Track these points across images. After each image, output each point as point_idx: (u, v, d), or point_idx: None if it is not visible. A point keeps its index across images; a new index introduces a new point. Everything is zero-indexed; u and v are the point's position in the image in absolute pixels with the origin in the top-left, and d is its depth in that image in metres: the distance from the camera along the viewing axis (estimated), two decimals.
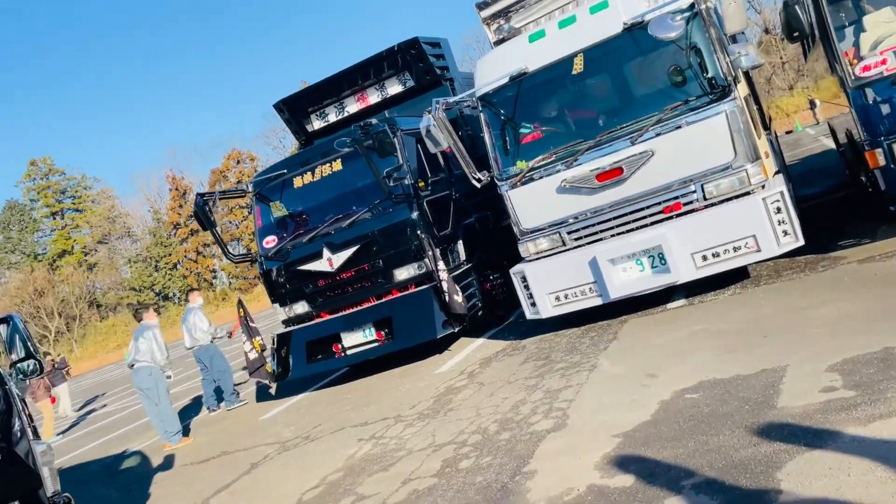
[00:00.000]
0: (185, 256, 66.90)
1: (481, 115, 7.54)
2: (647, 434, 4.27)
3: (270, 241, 9.80)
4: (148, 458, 9.26)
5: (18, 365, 4.13)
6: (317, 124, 11.50)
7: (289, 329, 9.80)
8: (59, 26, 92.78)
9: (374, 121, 8.69)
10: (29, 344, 4.05)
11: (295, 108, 11.27)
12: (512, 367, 7.13)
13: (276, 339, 9.84)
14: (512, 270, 7.74)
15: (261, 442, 7.85)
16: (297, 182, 9.64)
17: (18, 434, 4.13)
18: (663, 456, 3.89)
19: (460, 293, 8.57)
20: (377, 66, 10.74)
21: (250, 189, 10.11)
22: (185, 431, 9.81)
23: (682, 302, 7.25)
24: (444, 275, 8.46)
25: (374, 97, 11.07)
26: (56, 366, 19.01)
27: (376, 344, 9.14)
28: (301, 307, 9.70)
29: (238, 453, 7.72)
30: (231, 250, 10.03)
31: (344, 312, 9.42)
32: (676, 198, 6.73)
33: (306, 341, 9.50)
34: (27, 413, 4.21)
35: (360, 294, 9.30)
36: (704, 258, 6.56)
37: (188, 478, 7.41)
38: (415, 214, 8.78)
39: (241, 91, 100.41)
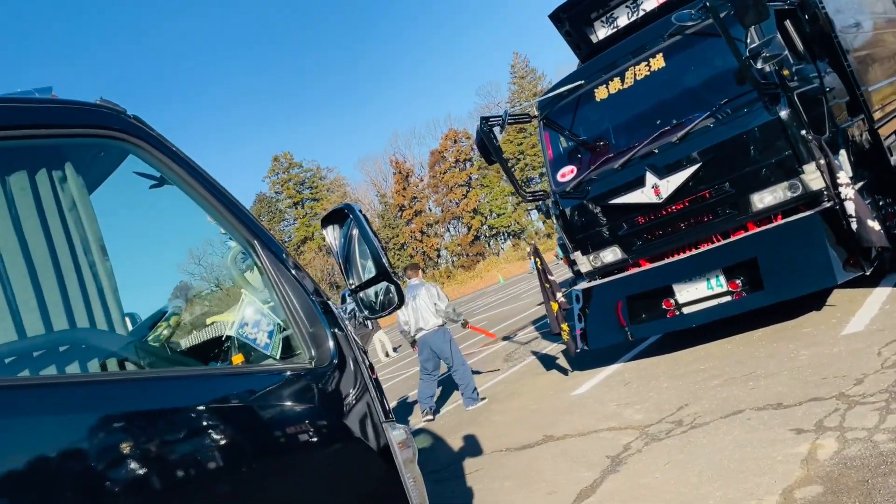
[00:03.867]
0: (411, 237, 69.10)
1: None
2: None
3: (567, 174, 7.79)
4: (442, 440, 7.78)
5: (361, 294, 2.43)
6: (601, 33, 9.24)
7: (598, 282, 7.74)
8: (287, 29, 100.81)
9: None
10: (381, 255, 2.32)
11: (577, 16, 9.10)
12: None
13: (581, 296, 7.84)
14: None
15: (599, 426, 5.86)
16: (600, 93, 7.50)
17: (365, 414, 2.44)
18: None
19: (874, 217, 5.85)
20: None
21: (536, 111, 8.17)
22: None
23: None
24: (849, 191, 5.80)
25: None
26: None
27: (728, 298, 6.73)
28: (611, 254, 7.58)
29: (573, 440, 5.81)
30: (523, 187, 8.12)
31: (675, 258, 7.13)
32: None
33: (626, 297, 7.37)
34: (373, 378, 2.51)
35: (698, 232, 6.93)
36: None
37: (516, 471, 5.65)
38: (785, 112, 6.20)
39: (453, 72, 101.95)
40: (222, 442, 2.02)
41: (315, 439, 2.30)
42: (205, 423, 2.02)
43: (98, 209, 2.25)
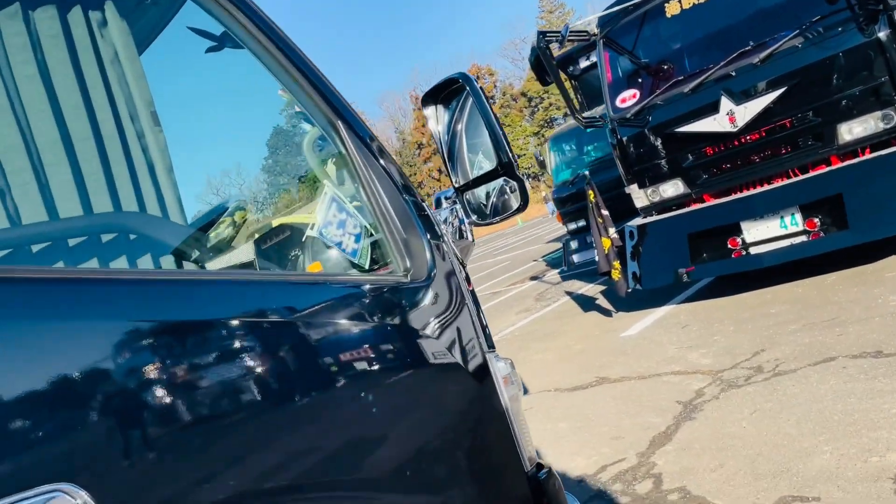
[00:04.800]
0: (429, 176, 68.26)
1: None
2: None
3: (629, 98, 7.15)
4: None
5: (469, 195, 1.94)
6: None
7: (656, 218, 7.20)
8: None
9: None
10: (504, 142, 1.80)
11: None
12: None
13: (636, 233, 7.32)
14: None
15: (662, 370, 5.44)
16: (671, 8, 6.79)
17: (467, 342, 1.99)
18: None
19: None
20: None
21: (596, 29, 7.46)
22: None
23: None
24: None
25: None
26: None
27: (804, 238, 6.19)
28: (672, 188, 7.00)
29: (632, 382, 5.40)
30: (581, 111, 7.51)
31: (746, 193, 6.56)
32: None
33: (687, 234, 6.84)
34: (475, 302, 2.05)
35: (774, 165, 6.33)
36: None
37: (571, 412, 5.26)
38: (885, 33, 5.51)
39: (479, 6, 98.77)
40: (300, 366, 1.54)
41: (409, 370, 1.84)
42: (280, 341, 1.54)
43: (148, 71, 1.75)
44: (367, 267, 1.91)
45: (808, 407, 3.85)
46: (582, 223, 11.15)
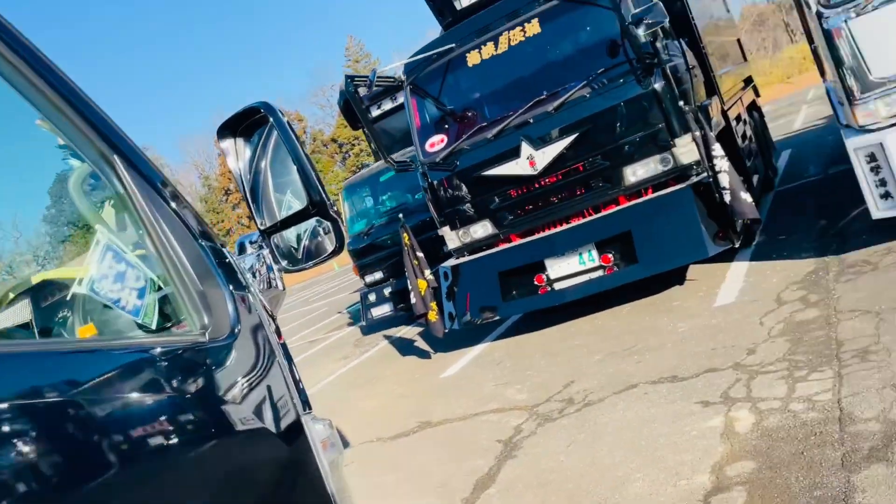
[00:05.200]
0: (238, 222, 65.57)
1: None
2: None
3: (436, 143, 7.31)
4: None
5: (277, 238, 1.72)
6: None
7: (468, 258, 7.35)
8: None
9: None
10: (314, 178, 1.60)
11: None
12: (880, 285, 4.58)
13: (449, 273, 7.42)
14: (853, 143, 5.11)
15: (481, 408, 5.46)
16: (472, 59, 7.09)
17: (278, 404, 1.77)
18: None
19: (745, 189, 5.97)
20: None
21: (402, 75, 7.58)
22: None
23: None
24: (723, 164, 5.87)
25: None
26: None
27: (600, 273, 6.64)
28: (482, 229, 7.22)
29: (454, 425, 5.36)
30: (390, 155, 7.52)
31: (547, 232, 6.93)
32: None
33: (498, 273, 7.05)
34: (287, 356, 1.83)
35: (571, 206, 6.77)
36: None
37: (397, 462, 5.08)
38: (660, 84, 6.17)
39: (285, 51, 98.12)
40: (72, 455, 1.22)
41: (211, 442, 1.56)
42: (43, 428, 1.21)
43: None
44: (153, 326, 1.62)
45: (619, 435, 4.03)
46: (379, 275, 10.66)
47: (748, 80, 11.11)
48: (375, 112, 9.43)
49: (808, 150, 11.71)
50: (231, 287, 1.72)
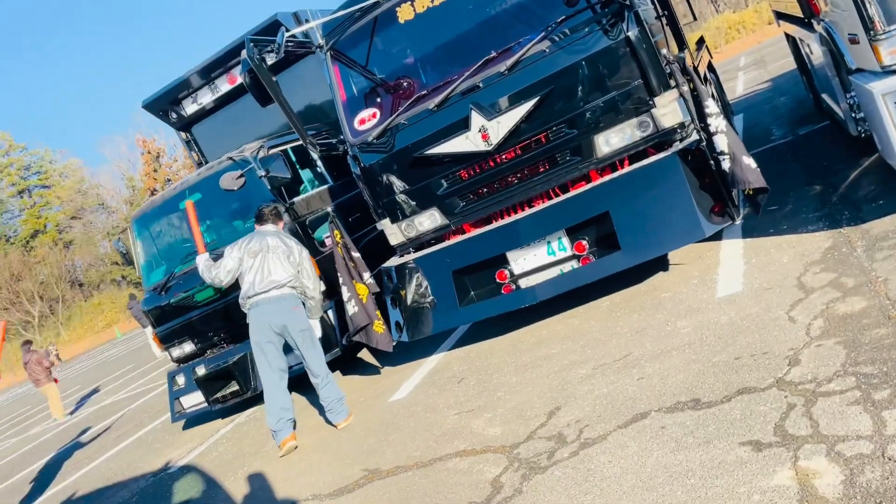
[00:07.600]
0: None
1: None
2: None
3: (367, 119, 6.05)
4: (217, 484, 5.68)
5: None
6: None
7: (414, 255, 6.14)
8: None
9: None
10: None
11: None
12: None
13: (394, 275, 6.19)
14: (879, 87, 4.11)
15: (443, 450, 4.28)
16: (404, 13, 5.82)
17: None
18: None
19: (748, 152, 4.92)
20: None
21: (321, 41, 6.25)
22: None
23: None
24: (720, 122, 4.81)
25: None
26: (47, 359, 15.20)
27: (575, 263, 5.53)
28: (429, 219, 6.01)
29: (409, 476, 4.15)
30: (310, 135, 6.21)
31: (508, 219, 5.78)
32: None
33: (451, 272, 5.86)
34: None
35: (533, 186, 5.62)
36: None
37: None
38: (633, 32, 5.05)
39: (204, 38, 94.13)
40: None
41: None
42: None
43: None
44: None
45: (639, 496, 2.91)
46: (189, 348, 7.72)
47: (701, 41, 10.27)
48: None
49: (760, 113, 10.93)
50: None
